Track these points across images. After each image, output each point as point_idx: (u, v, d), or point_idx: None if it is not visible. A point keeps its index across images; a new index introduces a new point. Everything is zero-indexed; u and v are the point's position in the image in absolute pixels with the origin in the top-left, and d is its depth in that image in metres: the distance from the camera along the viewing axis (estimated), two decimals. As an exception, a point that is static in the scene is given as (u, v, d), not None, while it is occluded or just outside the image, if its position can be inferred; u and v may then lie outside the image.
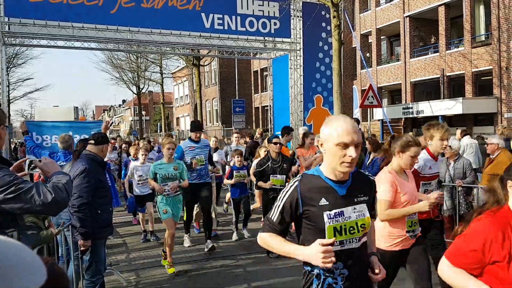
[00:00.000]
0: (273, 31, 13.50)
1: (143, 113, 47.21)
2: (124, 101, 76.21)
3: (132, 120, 59.89)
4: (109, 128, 7.10)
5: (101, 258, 4.35)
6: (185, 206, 6.88)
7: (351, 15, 26.26)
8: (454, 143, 6.54)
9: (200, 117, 27.53)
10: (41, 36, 11.34)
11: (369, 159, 7.85)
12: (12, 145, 24.79)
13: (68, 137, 6.14)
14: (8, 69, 29.77)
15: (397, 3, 23.98)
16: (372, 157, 7.82)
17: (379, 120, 21.04)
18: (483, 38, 20.11)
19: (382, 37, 26.49)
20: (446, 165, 6.43)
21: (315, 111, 14.19)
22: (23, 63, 34.82)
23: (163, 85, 35.49)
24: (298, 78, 14.09)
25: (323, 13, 13.76)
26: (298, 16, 13.91)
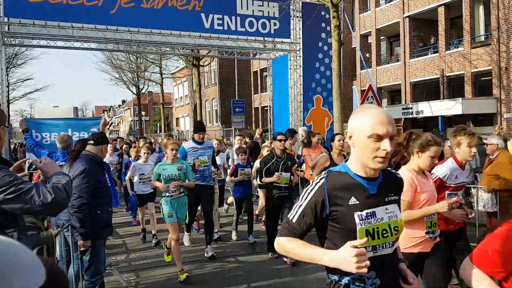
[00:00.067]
0: (272, 32, 13.51)
1: (143, 113, 47.21)
2: (123, 101, 76.21)
3: (131, 121, 59.90)
4: (108, 124, 7.04)
5: (100, 259, 4.35)
6: (188, 208, 6.80)
7: (350, 15, 26.28)
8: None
9: (200, 118, 27.53)
10: (40, 37, 11.35)
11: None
12: (11, 145, 24.79)
13: (67, 137, 6.13)
14: (8, 69, 29.78)
15: (396, 3, 24.00)
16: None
17: (378, 120, 21.01)
18: (482, 38, 20.13)
19: (381, 37, 26.50)
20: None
21: (314, 111, 14.20)
22: (22, 63, 34.86)
23: (162, 85, 35.50)
24: (297, 79, 14.10)
25: (322, 13, 13.77)
26: (298, 17, 13.91)
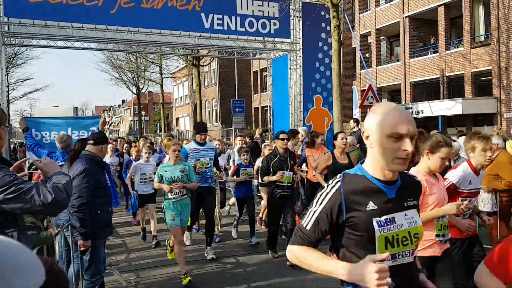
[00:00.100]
0: (272, 32, 13.51)
1: (143, 113, 47.23)
2: (123, 101, 76.22)
3: (131, 120, 59.89)
4: (107, 123, 7.01)
5: (100, 258, 4.35)
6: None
7: (350, 15, 26.27)
8: (454, 143, 6.55)
9: (200, 118, 27.53)
10: (40, 36, 11.35)
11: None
12: (11, 145, 24.79)
13: (67, 137, 6.13)
14: (8, 69, 29.77)
15: (396, 3, 23.99)
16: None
17: (378, 120, 21.02)
18: (482, 38, 20.13)
19: (381, 37, 26.50)
20: (446, 166, 6.43)
21: (314, 111, 14.20)
22: (22, 63, 34.87)
23: (162, 85, 35.51)
24: (297, 79, 14.10)
25: (322, 13, 13.77)
26: (298, 17, 13.91)
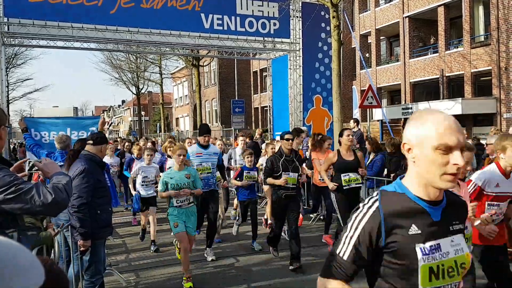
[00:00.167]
0: (272, 32, 13.51)
1: (143, 113, 47.24)
2: (123, 101, 76.25)
3: (131, 121, 59.91)
4: (106, 123, 6.96)
5: (100, 258, 4.35)
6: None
7: (350, 15, 26.28)
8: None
9: (200, 118, 27.54)
10: (40, 37, 11.35)
11: (369, 159, 7.83)
12: (11, 145, 24.79)
13: (66, 137, 6.12)
14: (8, 69, 29.75)
15: (396, 3, 24.00)
16: (372, 157, 7.81)
17: (378, 120, 21.05)
18: (482, 38, 20.14)
19: (381, 37, 26.51)
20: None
21: (314, 111, 14.20)
22: (22, 63, 34.83)
23: (162, 85, 35.52)
24: (297, 79, 14.10)
25: (322, 13, 13.78)
26: (298, 17, 13.92)
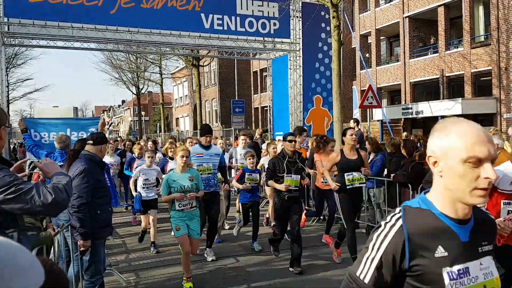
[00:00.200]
0: (272, 32, 13.52)
1: (143, 113, 47.23)
2: (123, 101, 76.26)
3: (131, 121, 59.91)
4: (107, 124, 6.92)
5: (100, 258, 4.35)
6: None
7: (350, 15, 26.28)
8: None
9: (200, 118, 27.54)
10: (40, 37, 11.36)
11: (369, 159, 7.81)
12: (11, 145, 24.79)
13: (65, 137, 6.12)
14: (8, 69, 29.77)
15: (396, 3, 24.00)
16: (372, 157, 7.80)
17: (378, 120, 21.05)
18: (482, 38, 20.14)
19: (381, 37, 26.51)
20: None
21: (314, 111, 14.21)
22: (22, 63, 34.85)
23: (162, 85, 35.53)
24: (297, 79, 14.10)
25: (322, 13, 13.78)
26: (298, 17, 13.93)
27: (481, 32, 20.31)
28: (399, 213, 1.45)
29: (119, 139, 15.49)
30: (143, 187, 7.26)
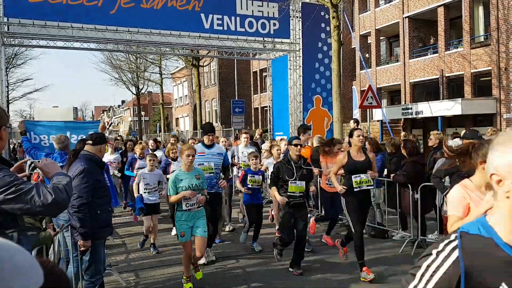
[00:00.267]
0: (272, 32, 13.52)
1: (143, 113, 47.24)
2: (123, 101, 76.28)
3: (131, 121, 59.93)
4: (107, 128, 6.87)
5: (100, 259, 4.34)
6: None
7: (350, 15, 26.28)
8: (455, 143, 6.57)
9: (200, 118, 27.56)
10: (40, 37, 11.36)
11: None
12: (11, 145, 24.78)
13: (64, 137, 6.11)
14: (7, 69, 29.77)
15: (396, 3, 24.00)
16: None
17: (378, 121, 21.04)
18: (482, 39, 20.14)
19: (381, 37, 26.51)
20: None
21: (314, 111, 14.21)
22: (22, 63, 34.91)
23: (162, 85, 35.54)
24: (297, 79, 14.11)
25: (322, 13, 13.79)
26: (298, 17, 13.93)
27: (481, 32, 20.32)
28: (454, 240, 1.24)
29: (119, 138, 15.48)
30: (145, 192, 7.10)
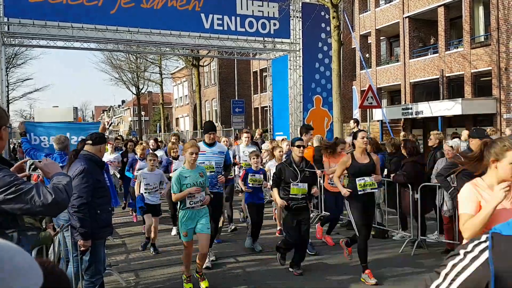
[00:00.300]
0: (272, 32, 13.52)
1: (143, 113, 47.25)
2: (123, 101, 76.27)
3: (131, 121, 59.93)
4: (107, 128, 6.85)
5: (100, 259, 4.34)
6: None
7: (350, 15, 26.28)
8: (455, 143, 6.56)
9: (200, 118, 27.56)
10: (40, 37, 11.37)
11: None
12: (11, 145, 24.77)
13: (64, 138, 6.11)
14: (8, 69, 29.78)
15: (396, 3, 24.00)
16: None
17: (378, 121, 21.04)
18: (482, 39, 20.14)
19: (381, 37, 26.51)
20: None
21: (314, 111, 14.21)
22: (22, 63, 34.91)
23: (162, 85, 35.54)
24: (297, 79, 14.11)
25: (322, 13, 13.79)
26: (298, 17, 13.93)
27: (481, 32, 20.31)
28: (485, 242, 1.18)
29: (119, 138, 15.48)
30: (145, 192, 7.07)
